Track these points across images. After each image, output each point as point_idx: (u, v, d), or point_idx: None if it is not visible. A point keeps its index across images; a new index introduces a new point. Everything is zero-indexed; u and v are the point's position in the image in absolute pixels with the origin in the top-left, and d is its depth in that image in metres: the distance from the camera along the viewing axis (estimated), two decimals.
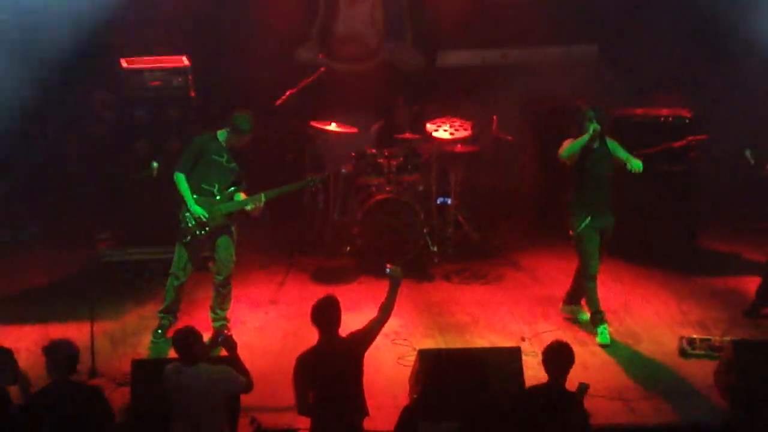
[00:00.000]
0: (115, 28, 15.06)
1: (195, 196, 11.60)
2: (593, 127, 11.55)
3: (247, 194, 11.76)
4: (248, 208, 11.71)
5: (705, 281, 13.71)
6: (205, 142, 11.65)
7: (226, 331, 11.74)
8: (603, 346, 11.79)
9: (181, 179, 11.59)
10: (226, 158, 11.63)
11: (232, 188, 11.73)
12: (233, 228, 11.85)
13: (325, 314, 9.08)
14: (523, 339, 11.83)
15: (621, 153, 11.81)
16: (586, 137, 11.59)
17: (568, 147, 11.70)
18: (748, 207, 15.66)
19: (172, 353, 9.58)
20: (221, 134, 11.65)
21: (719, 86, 15.49)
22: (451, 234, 14.72)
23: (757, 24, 15.28)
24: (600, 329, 11.93)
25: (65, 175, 15.82)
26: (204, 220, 11.59)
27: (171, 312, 11.99)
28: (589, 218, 11.81)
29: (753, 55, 15.21)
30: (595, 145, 11.75)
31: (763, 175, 12.45)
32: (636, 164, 11.58)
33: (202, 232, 11.65)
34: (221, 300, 11.96)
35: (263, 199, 11.68)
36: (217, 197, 11.66)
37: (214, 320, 11.92)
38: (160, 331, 11.90)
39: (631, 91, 15.33)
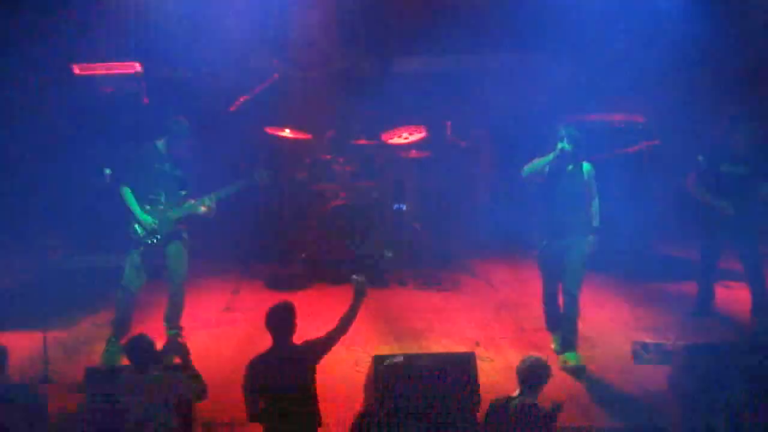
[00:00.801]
0: (67, 35, 14.94)
1: (147, 206, 11.54)
2: (561, 146, 11.31)
3: (194, 198, 11.70)
4: (200, 211, 11.66)
5: (658, 286, 13.81)
6: (146, 152, 11.60)
7: (179, 339, 11.69)
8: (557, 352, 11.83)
9: (126, 192, 11.54)
10: (169, 166, 11.59)
11: (180, 194, 11.66)
12: (185, 234, 11.79)
13: (279, 319, 9.03)
14: (477, 344, 11.84)
15: (592, 185, 11.54)
16: (549, 157, 11.34)
17: (529, 166, 11.44)
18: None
19: (125, 361, 9.51)
20: (160, 143, 11.60)
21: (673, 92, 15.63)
22: (406, 240, 14.72)
23: (710, 34, 15.49)
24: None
25: (16, 181, 15.66)
26: (154, 227, 11.53)
27: (124, 322, 11.92)
28: (546, 241, 11.62)
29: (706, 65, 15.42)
30: (569, 167, 11.46)
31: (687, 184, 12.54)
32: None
33: (154, 240, 11.59)
34: (174, 308, 11.90)
35: (213, 199, 11.63)
36: (164, 205, 11.60)
37: (168, 329, 11.85)
38: (113, 339, 11.82)
39: (586, 97, 15.36)
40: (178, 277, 11.82)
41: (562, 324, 11.63)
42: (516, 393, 9.00)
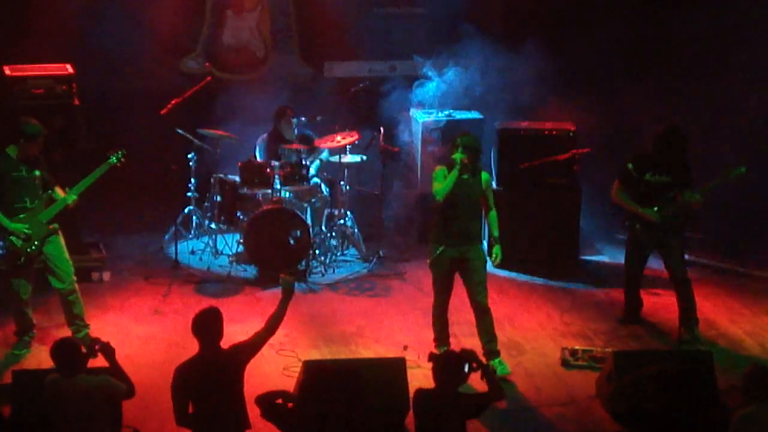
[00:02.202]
0: None
1: (20, 216, 11.48)
2: (458, 156, 11.36)
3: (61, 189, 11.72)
4: (69, 202, 11.64)
5: (587, 293, 13.90)
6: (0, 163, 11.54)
7: (89, 335, 11.67)
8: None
9: None
10: (25, 169, 11.52)
11: (44, 196, 11.60)
12: (58, 233, 11.71)
13: (206, 325, 8.97)
14: (405, 348, 11.86)
15: (490, 196, 11.66)
16: (455, 173, 11.33)
17: (440, 188, 11.38)
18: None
19: (49, 363, 9.41)
20: (11, 150, 11.53)
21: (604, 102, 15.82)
22: (338, 244, 14.73)
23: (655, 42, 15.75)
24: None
25: None
26: (28, 233, 11.46)
27: (26, 331, 11.89)
28: (442, 248, 11.61)
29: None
30: (465, 175, 11.43)
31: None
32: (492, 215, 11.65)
33: (33, 247, 11.52)
34: (72, 308, 11.80)
35: (74, 192, 11.62)
36: (31, 210, 11.54)
37: (75, 332, 11.73)
38: (20, 345, 11.84)
39: (517, 103, 15.43)
40: (66, 276, 11.72)
41: (484, 335, 11.70)
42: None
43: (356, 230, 14.89)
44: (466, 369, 8.85)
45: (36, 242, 11.53)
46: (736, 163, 12.41)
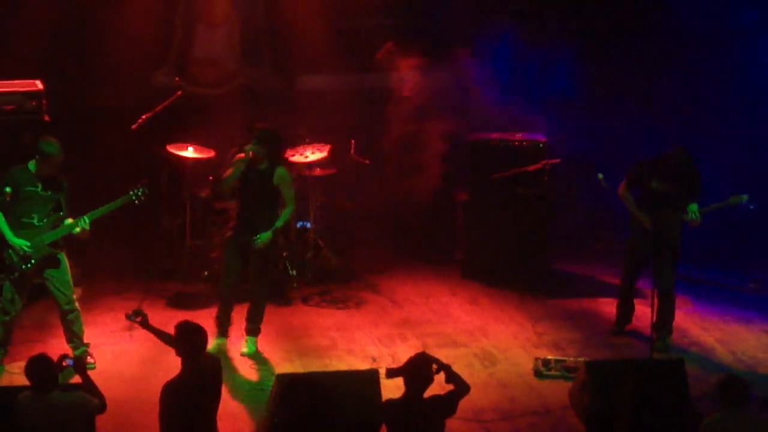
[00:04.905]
0: None
1: (23, 231, 11.42)
2: (250, 148, 11.93)
3: (72, 218, 11.58)
4: (75, 232, 11.56)
5: (559, 303, 13.95)
6: (16, 175, 11.48)
7: (88, 356, 11.66)
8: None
9: None
10: (41, 187, 11.45)
11: (54, 216, 11.56)
12: (62, 255, 11.63)
13: (191, 341, 8.98)
14: (373, 359, 11.89)
15: (286, 191, 12.19)
16: (240, 166, 12.01)
17: (225, 179, 12.17)
18: (602, 229, 15.99)
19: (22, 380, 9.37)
20: (31, 165, 11.49)
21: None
22: (310, 258, 14.71)
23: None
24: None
25: None
26: (27, 252, 11.41)
27: (3, 345, 11.81)
28: (233, 233, 12.20)
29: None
30: (261, 166, 12.03)
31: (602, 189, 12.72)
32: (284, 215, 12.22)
33: (28, 265, 11.45)
34: (72, 326, 11.77)
35: (87, 220, 11.51)
36: (37, 228, 11.49)
37: (74, 349, 11.71)
38: None
39: (491, 115, 15.47)
40: (65, 297, 11.67)
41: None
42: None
43: (325, 242, 14.90)
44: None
45: (33, 261, 11.45)
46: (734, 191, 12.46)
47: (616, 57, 16.21)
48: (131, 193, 11.73)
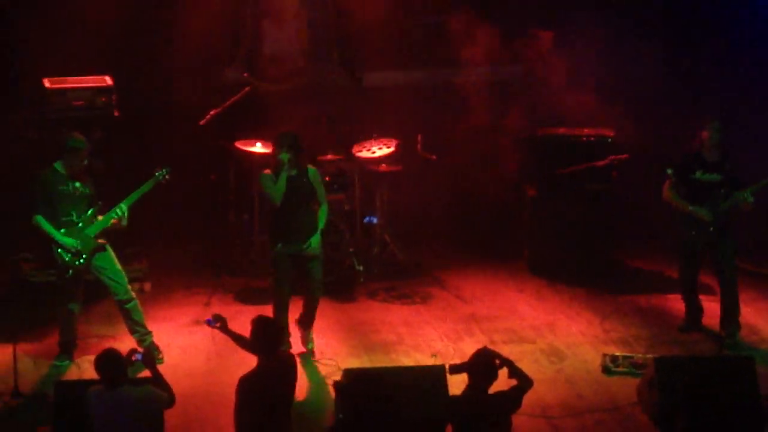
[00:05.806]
0: (37, 48, 14.91)
1: (63, 230, 11.56)
2: (283, 156, 11.70)
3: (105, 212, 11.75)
4: (109, 224, 11.70)
5: (627, 299, 13.84)
6: (48, 177, 11.61)
7: (158, 352, 11.80)
8: None
9: (41, 221, 11.52)
10: (72, 184, 11.61)
11: (90, 211, 11.68)
12: (107, 246, 11.78)
13: (268, 334, 9.05)
14: (433, 355, 11.89)
15: (320, 188, 12.02)
16: (283, 176, 11.76)
17: (274, 192, 11.80)
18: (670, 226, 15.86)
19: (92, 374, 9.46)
20: (58, 165, 11.62)
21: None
22: (377, 253, 14.74)
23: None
24: None
25: None
26: (78, 248, 11.54)
27: (70, 341, 11.98)
28: (281, 245, 11.92)
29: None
30: (292, 172, 11.81)
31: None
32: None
33: (81, 261, 11.59)
34: (132, 315, 11.88)
35: (124, 207, 11.65)
36: (80, 224, 11.62)
37: (139, 341, 11.82)
38: (62, 356, 11.92)
39: (557, 111, 15.39)
40: (120, 287, 11.80)
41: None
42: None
43: (392, 238, 14.91)
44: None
45: (84, 256, 11.60)
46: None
47: (701, 52, 16.06)
48: (157, 174, 11.87)
